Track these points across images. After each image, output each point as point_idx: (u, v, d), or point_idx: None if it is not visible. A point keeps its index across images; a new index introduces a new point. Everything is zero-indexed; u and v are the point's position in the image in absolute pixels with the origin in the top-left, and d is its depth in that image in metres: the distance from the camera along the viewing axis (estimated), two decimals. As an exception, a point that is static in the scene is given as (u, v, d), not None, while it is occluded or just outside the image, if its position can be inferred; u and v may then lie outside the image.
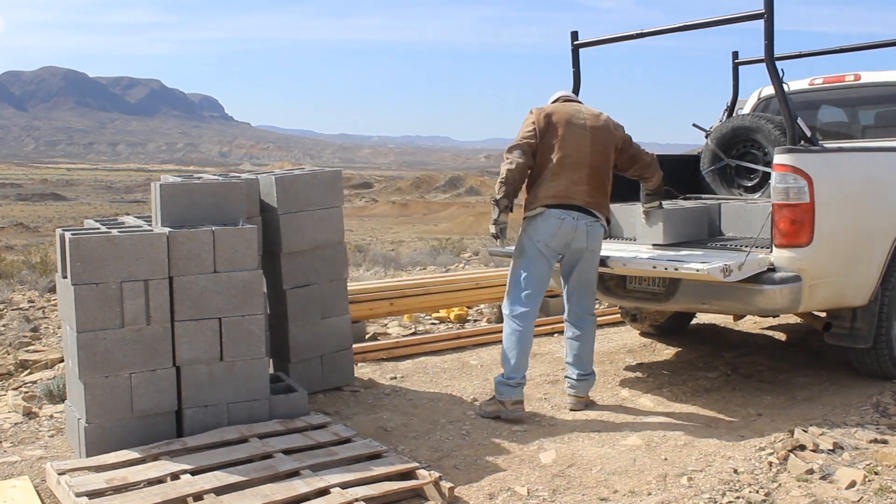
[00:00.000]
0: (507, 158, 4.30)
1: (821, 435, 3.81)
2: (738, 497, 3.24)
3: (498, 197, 4.25)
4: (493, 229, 4.28)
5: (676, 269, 4.10)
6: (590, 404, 4.57)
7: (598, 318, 6.71)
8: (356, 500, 3.13)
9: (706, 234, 4.99)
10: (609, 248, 4.73)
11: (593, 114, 4.44)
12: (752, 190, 5.48)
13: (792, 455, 3.58)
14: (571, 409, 4.49)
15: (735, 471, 3.51)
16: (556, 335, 6.35)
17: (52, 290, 8.44)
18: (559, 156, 4.27)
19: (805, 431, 3.84)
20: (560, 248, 4.33)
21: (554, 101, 4.57)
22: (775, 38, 4.23)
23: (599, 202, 4.36)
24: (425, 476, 3.36)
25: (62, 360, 5.38)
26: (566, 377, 4.59)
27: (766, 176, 5.21)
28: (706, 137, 5.78)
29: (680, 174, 5.81)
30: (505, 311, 4.44)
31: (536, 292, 4.37)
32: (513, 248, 4.54)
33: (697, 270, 3.99)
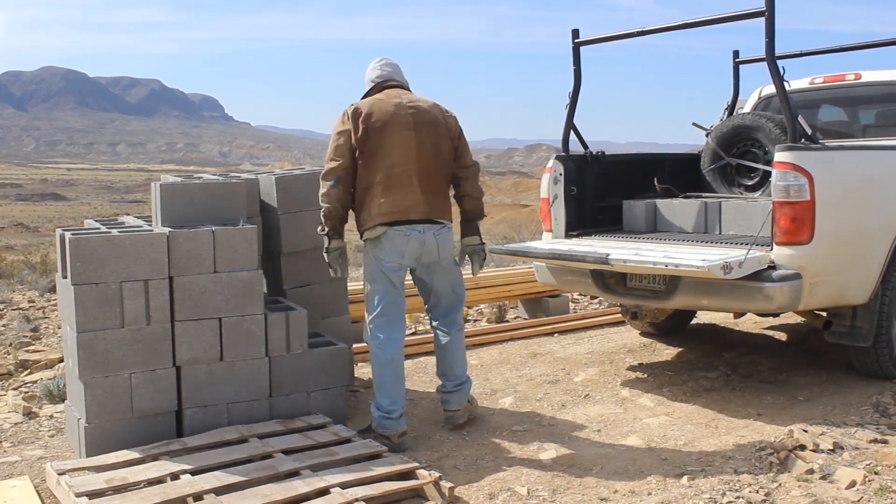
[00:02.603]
0: (323, 189, 3.89)
1: (821, 435, 3.81)
2: (738, 497, 3.24)
3: (323, 232, 3.93)
4: (326, 258, 3.99)
5: (677, 267, 4.10)
6: (472, 416, 4.26)
7: (598, 318, 6.76)
8: (356, 500, 3.13)
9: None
10: (609, 246, 4.73)
11: (418, 105, 3.95)
12: (753, 189, 5.48)
13: (792, 455, 3.58)
14: (450, 427, 4.16)
15: (735, 471, 3.50)
16: (556, 335, 6.35)
17: (52, 290, 8.43)
18: (385, 165, 3.82)
19: (805, 431, 3.84)
20: (410, 263, 3.98)
21: (370, 90, 4.04)
22: (776, 37, 4.22)
23: (440, 207, 3.95)
24: (425, 476, 3.36)
25: (62, 360, 5.38)
26: (438, 390, 4.25)
27: (767, 175, 5.21)
28: (707, 136, 5.78)
29: (680, 173, 5.82)
30: (368, 340, 4.07)
31: (398, 316, 4.03)
32: (512, 245, 4.52)
33: (698, 267, 3.99)
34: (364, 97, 4.06)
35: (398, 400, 3.96)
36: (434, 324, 4.25)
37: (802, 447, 3.67)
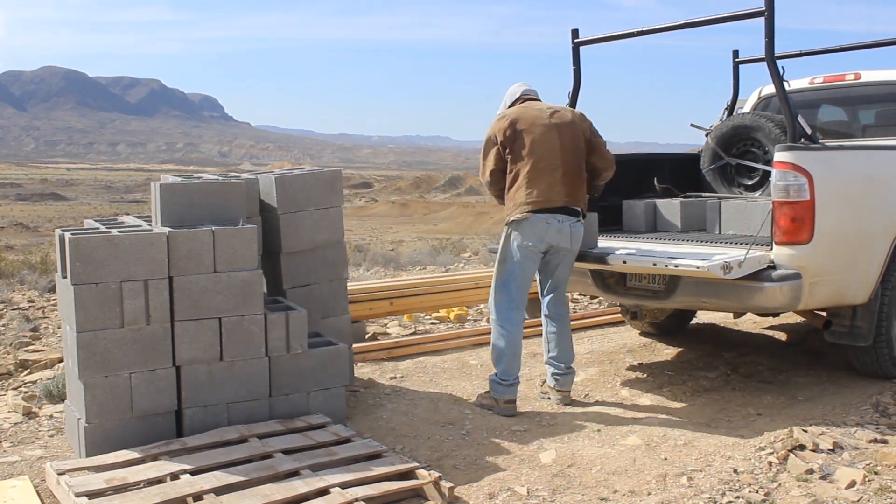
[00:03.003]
0: (490, 191, 4.67)
1: (821, 435, 3.81)
2: (738, 497, 3.24)
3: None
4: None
5: (677, 266, 4.10)
6: (573, 402, 4.64)
7: (599, 318, 6.76)
8: (356, 499, 3.13)
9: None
10: (609, 245, 4.73)
11: (556, 110, 4.51)
12: (753, 188, 5.49)
13: (792, 455, 3.58)
14: (561, 404, 4.59)
15: (735, 471, 3.50)
16: (556, 335, 6.35)
17: (52, 290, 8.43)
18: (533, 160, 4.34)
19: (805, 431, 3.84)
20: (546, 249, 4.44)
21: (513, 102, 4.63)
22: (776, 37, 4.22)
23: (578, 197, 4.44)
24: (425, 476, 3.36)
25: (62, 360, 5.38)
26: (551, 374, 4.66)
27: (766, 174, 5.21)
28: (706, 136, 5.78)
29: (680, 173, 5.82)
30: (492, 315, 4.54)
31: (523, 296, 4.52)
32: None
33: (698, 267, 3.99)
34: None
35: (513, 371, 4.46)
36: (545, 313, 4.68)
37: (802, 447, 3.67)
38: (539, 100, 4.67)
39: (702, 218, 5.22)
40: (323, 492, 3.19)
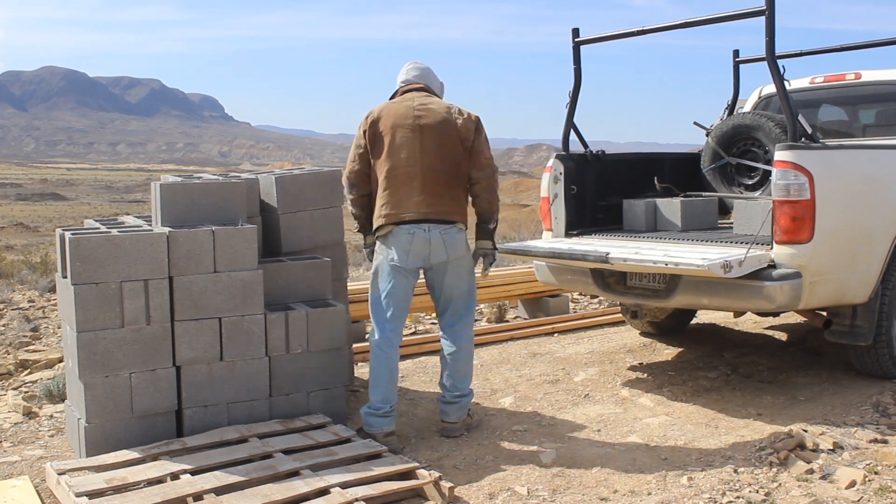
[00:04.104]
0: (347, 198, 4.18)
1: (821, 435, 3.81)
2: (738, 497, 3.24)
3: (357, 229, 4.25)
4: (365, 253, 4.30)
5: (677, 265, 4.10)
6: (470, 427, 4.16)
7: (598, 318, 6.76)
8: (356, 499, 3.13)
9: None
10: (609, 245, 4.73)
11: (428, 108, 3.99)
12: (753, 188, 5.49)
13: (792, 455, 3.58)
14: (444, 436, 4.08)
15: (735, 471, 3.50)
16: (556, 335, 6.35)
17: (52, 290, 8.43)
18: (387, 168, 3.93)
19: (805, 431, 3.84)
20: (419, 263, 3.99)
21: (396, 90, 4.16)
22: (776, 36, 4.22)
23: (443, 209, 3.93)
24: (425, 476, 3.36)
25: (62, 360, 5.38)
26: (438, 399, 4.20)
27: (767, 174, 5.21)
28: (707, 136, 5.78)
29: (680, 172, 5.82)
30: (370, 336, 4.10)
31: (398, 314, 4.02)
32: (512, 245, 4.51)
33: (698, 266, 3.99)
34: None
35: (389, 399, 3.95)
36: (442, 332, 4.19)
37: (802, 447, 3.67)
38: (425, 88, 4.12)
39: (703, 217, 5.23)
40: (323, 492, 3.19)
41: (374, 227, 4.01)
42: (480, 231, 4.15)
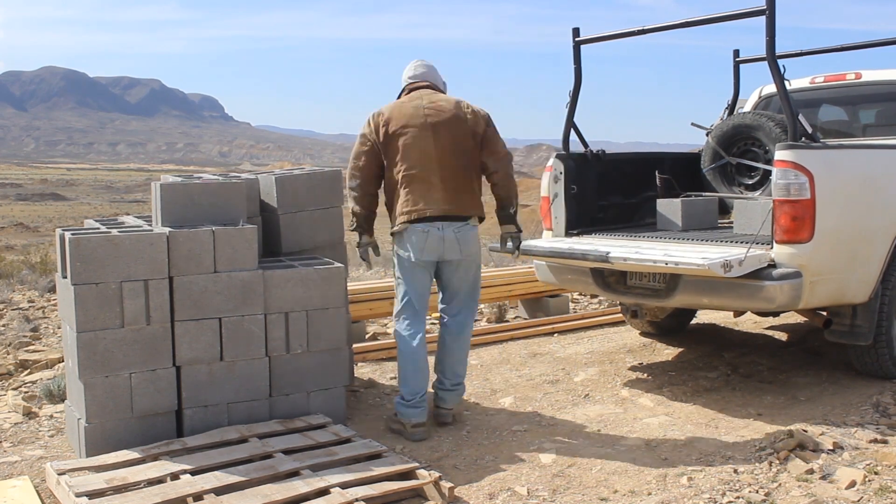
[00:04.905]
0: (349, 194, 4.18)
1: (821, 435, 3.81)
2: (738, 497, 3.24)
3: (352, 228, 4.25)
4: (359, 252, 4.32)
5: (677, 265, 4.10)
6: (458, 416, 4.30)
7: (598, 318, 6.75)
8: (356, 500, 3.13)
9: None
10: (609, 244, 4.73)
11: (438, 106, 4.06)
12: (753, 188, 5.49)
13: (792, 455, 3.58)
14: (439, 423, 4.21)
15: (735, 471, 3.50)
16: (556, 335, 6.35)
17: (52, 290, 8.43)
18: (404, 167, 4.01)
19: (805, 431, 3.84)
20: (434, 258, 4.10)
21: (403, 89, 4.22)
22: (776, 36, 4.22)
23: (462, 204, 4.07)
24: (425, 476, 3.36)
25: (62, 360, 5.38)
26: (435, 386, 4.27)
27: (767, 174, 5.22)
28: (707, 135, 5.78)
29: (680, 172, 5.82)
30: (394, 330, 4.25)
31: (420, 307, 4.16)
32: (511, 245, 4.50)
33: (698, 266, 3.99)
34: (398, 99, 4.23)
35: (418, 389, 4.08)
36: (444, 320, 4.30)
37: (802, 447, 3.67)
38: (431, 85, 4.19)
39: (703, 217, 5.23)
40: (323, 492, 3.19)
41: (394, 228, 4.11)
42: (503, 217, 4.27)
